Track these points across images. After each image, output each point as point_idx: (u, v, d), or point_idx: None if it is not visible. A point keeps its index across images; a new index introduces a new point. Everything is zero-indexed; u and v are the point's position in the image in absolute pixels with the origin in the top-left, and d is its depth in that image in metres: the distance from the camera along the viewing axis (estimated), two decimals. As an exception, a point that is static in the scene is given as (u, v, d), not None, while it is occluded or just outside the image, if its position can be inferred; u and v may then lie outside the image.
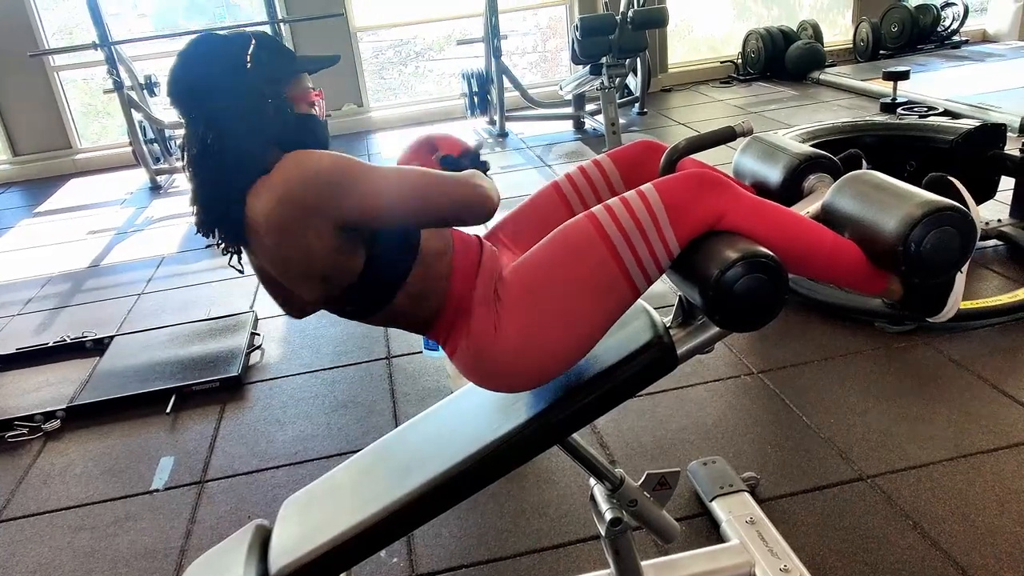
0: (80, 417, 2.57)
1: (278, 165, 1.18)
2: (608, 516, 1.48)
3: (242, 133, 1.21)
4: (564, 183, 1.51)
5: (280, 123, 1.24)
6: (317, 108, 1.30)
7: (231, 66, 1.21)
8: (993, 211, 3.11)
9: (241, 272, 1.33)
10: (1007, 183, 3.00)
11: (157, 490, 2.18)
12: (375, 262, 1.24)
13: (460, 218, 1.25)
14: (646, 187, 1.26)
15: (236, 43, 1.23)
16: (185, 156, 1.25)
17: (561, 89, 5.82)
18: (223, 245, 1.28)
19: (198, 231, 1.27)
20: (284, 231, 1.17)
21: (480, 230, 1.44)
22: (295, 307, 1.36)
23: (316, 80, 1.34)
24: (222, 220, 1.24)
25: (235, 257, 1.30)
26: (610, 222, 1.23)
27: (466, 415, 1.48)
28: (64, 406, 2.58)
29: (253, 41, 1.23)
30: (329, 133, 1.35)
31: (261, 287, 3.54)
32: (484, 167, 1.40)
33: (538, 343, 1.24)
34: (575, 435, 1.40)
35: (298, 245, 1.18)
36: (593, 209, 1.27)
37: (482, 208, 1.25)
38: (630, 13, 5.05)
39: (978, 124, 2.99)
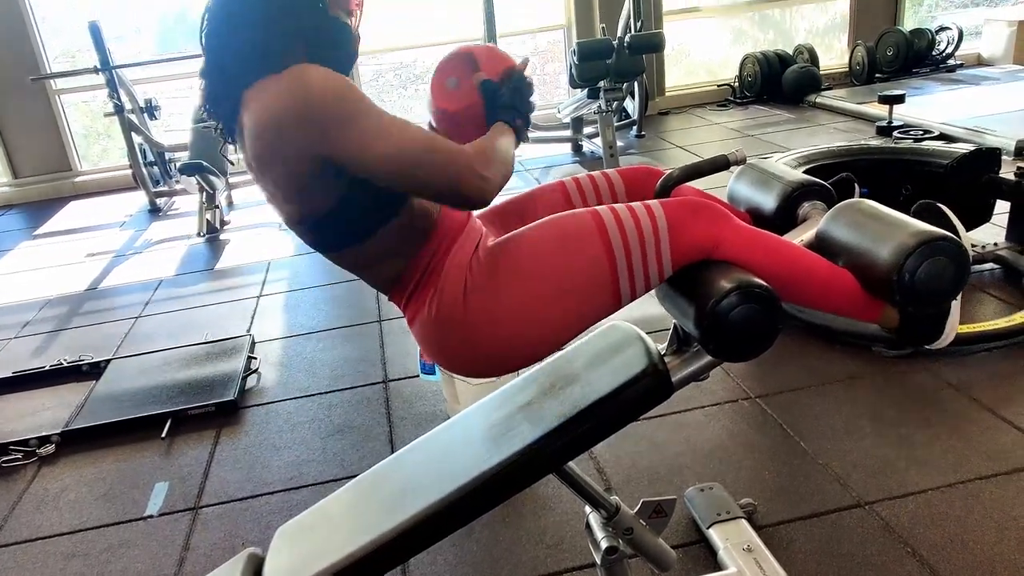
0: (75, 442, 2.56)
1: (286, 72, 1.10)
2: (604, 544, 1.47)
3: (263, 17, 1.15)
4: (570, 184, 1.50)
5: (307, 19, 1.17)
6: (354, 19, 1.24)
7: None
8: (989, 235, 3.12)
9: (232, 164, 1.26)
10: (1003, 206, 3.01)
11: (151, 516, 2.16)
12: (349, 206, 1.18)
13: (448, 200, 1.18)
14: (652, 203, 1.26)
15: None
16: (202, 25, 1.19)
17: (559, 112, 5.86)
18: (219, 129, 1.24)
19: (203, 106, 1.23)
20: (265, 146, 1.13)
21: None
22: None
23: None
24: (221, 103, 1.19)
25: (228, 146, 1.26)
26: (613, 224, 1.22)
27: (461, 442, 1.47)
28: (59, 431, 2.57)
29: None
30: (358, 49, 1.29)
31: (259, 310, 3.51)
32: (525, 95, 1.33)
33: (505, 323, 1.21)
34: (571, 462, 1.39)
35: (275, 161, 1.14)
36: (597, 208, 1.26)
37: (474, 199, 1.16)
38: (627, 38, 5.09)
39: (973, 148, 3.01)
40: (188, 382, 2.82)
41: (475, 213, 1.40)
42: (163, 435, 2.52)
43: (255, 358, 2.98)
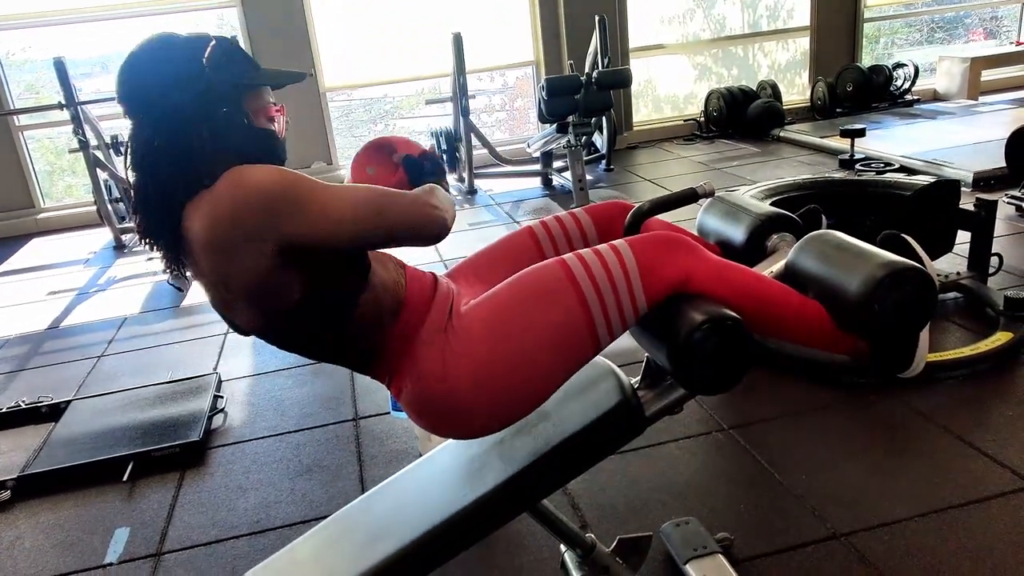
0: (32, 487, 2.46)
1: (222, 178, 1.12)
2: (580, 584, 1.44)
3: (189, 141, 1.15)
4: (539, 229, 1.50)
5: (232, 135, 1.18)
6: (277, 124, 1.26)
7: (185, 68, 1.15)
8: (951, 264, 3.18)
9: (180, 290, 1.26)
10: (964, 236, 3.07)
11: (111, 564, 2.08)
12: (316, 290, 1.17)
13: (416, 236, 1.20)
14: (619, 243, 1.26)
15: (193, 44, 1.18)
16: (128, 158, 1.18)
17: (529, 147, 5.91)
18: (163, 256, 1.21)
19: (141, 239, 1.21)
20: (219, 251, 1.12)
21: (439, 267, 1.41)
22: (239, 325, 1.26)
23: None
24: (161, 230, 1.18)
25: (173, 272, 1.23)
26: (583, 272, 1.21)
27: (433, 482, 1.45)
28: (15, 476, 2.48)
29: (213, 42, 1.18)
30: (286, 153, 1.30)
31: (225, 348, 3.44)
32: (440, 168, 1.41)
33: (489, 387, 1.19)
34: (545, 499, 1.37)
35: (234, 266, 1.12)
36: (564, 257, 1.25)
37: (438, 228, 1.21)
38: (595, 74, 5.17)
39: (934, 180, 3.08)
40: (152, 423, 2.74)
41: (447, 271, 1.44)
42: (125, 478, 2.44)
43: (221, 397, 2.91)
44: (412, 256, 1.37)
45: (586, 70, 5.59)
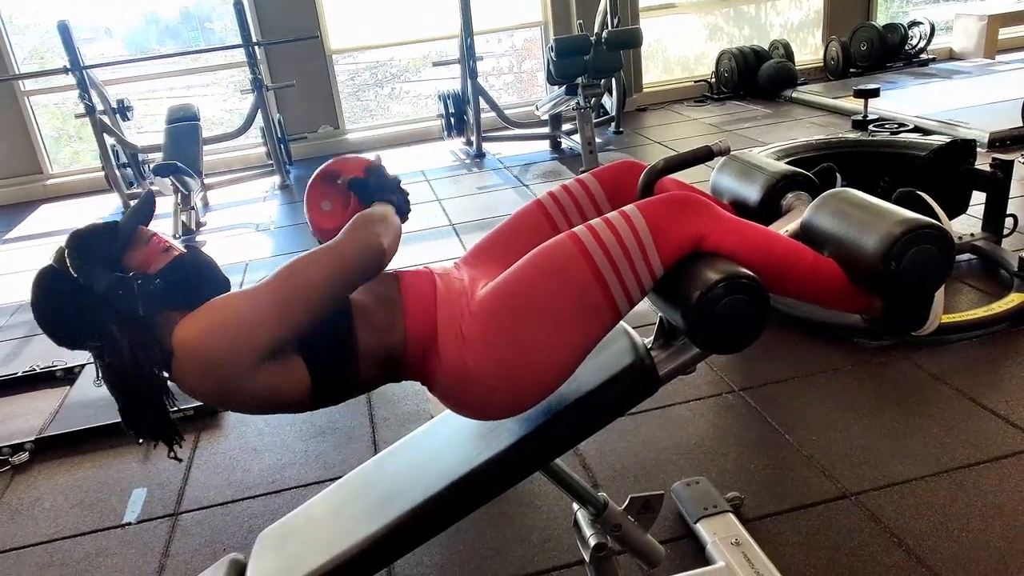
0: (49, 449, 2.50)
1: (175, 349, 1.13)
2: (592, 542, 1.46)
3: (121, 344, 1.16)
4: (547, 200, 1.48)
5: (147, 305, 1.16)
6: (171, 249, 1.21)
7: (65, 300, 1.18)
8: (966, 225, 3.15)
9: (180, 461, 1.33)
10: (979, 197, 3.04)
11: (129, 523, 2.12)
12: (316, 360, 1.19)
13: (351, 283, 1.18)
14: (629, 208, 1.24)
15: (57, 269, 1.19)
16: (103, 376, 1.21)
17: (537, 109, 5.84)
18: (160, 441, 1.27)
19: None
20: (218, 401, 1.18)
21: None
22: None
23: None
24: (145, 415, 1.23)
25: (173, 449, 1.27)
26: (594, 244, 1.20)
27: (446, 441, 1.45)
28: (33, 438, 2.51)
29: (71, 252, 1.18)
30: (199, 257, 1.24)
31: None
32: (386, 183, 1.35)
33: (516, 372, 1.19)
34: (557, 459, 1.38)
35: (238, 401, 1.17)
36: (575, 229, 1.24)
37: (372, 263, 1.18)
38: (604, 34, 5.09)
39: (949, 140, 3.03)
40: (165, 386, 2.76)
41: (461, 259, 1.44)
42: (140, 440, 2.46)
43: (234, 360, 2.93)
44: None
45: (596, 30, 5.49)
